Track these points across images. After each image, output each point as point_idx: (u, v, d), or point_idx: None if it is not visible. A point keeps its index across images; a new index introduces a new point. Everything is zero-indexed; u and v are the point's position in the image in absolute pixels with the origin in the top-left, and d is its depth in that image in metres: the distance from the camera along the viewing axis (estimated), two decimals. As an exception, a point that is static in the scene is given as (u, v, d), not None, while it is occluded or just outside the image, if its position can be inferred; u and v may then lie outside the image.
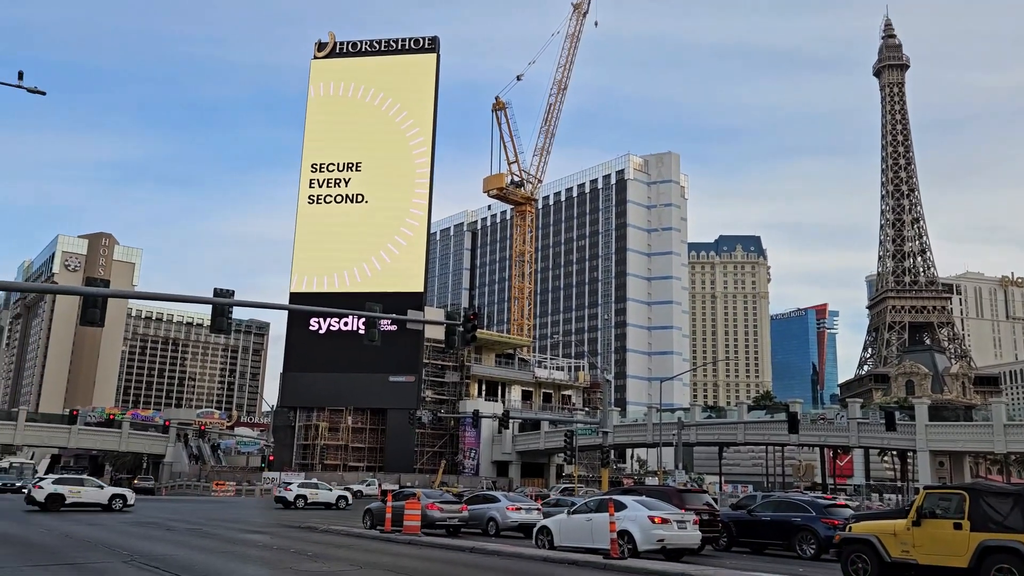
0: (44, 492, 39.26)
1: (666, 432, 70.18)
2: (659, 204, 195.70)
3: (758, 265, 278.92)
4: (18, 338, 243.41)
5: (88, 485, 41.87)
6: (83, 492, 40.47)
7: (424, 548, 23.59)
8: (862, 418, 72.94)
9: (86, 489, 40.91)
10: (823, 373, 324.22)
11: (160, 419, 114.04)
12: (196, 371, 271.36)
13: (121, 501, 41.44)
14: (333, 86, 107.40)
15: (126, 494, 42.77)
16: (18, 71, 24.38)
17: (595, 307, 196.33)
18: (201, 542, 23.83)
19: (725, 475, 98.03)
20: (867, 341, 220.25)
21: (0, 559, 17.88)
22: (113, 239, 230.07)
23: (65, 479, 43.04)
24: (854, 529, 17.86)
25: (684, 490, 27.57)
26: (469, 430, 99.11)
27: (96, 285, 25.49)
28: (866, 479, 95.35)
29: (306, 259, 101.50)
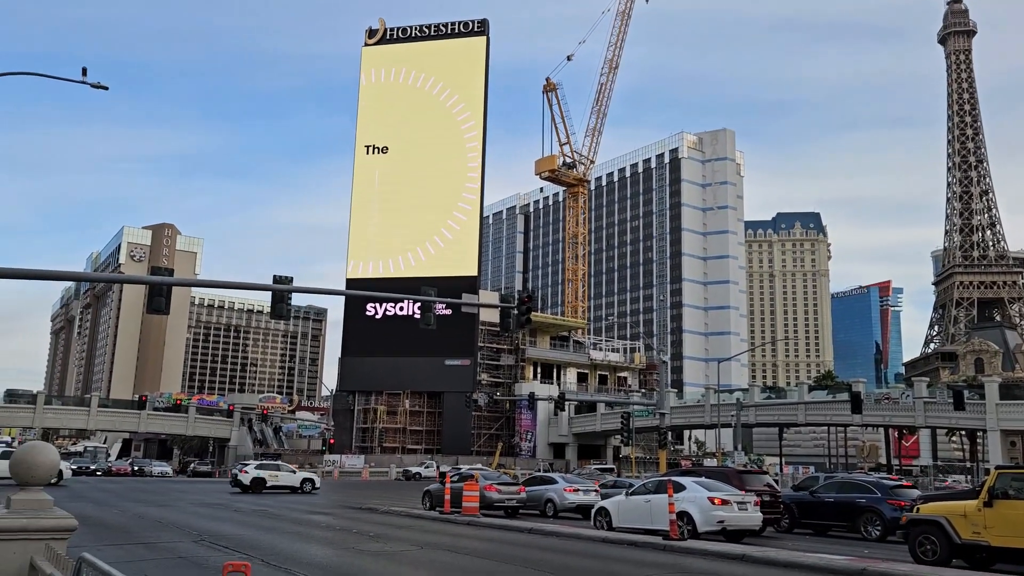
0: (249, 476, 43.81)
1: (724, 413, 69.40)
2: (714, 182, 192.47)
3: (818, 242, 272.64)
4: (89, 327, 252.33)
5: (283, 470, 46.24)
6: (280, 476, 44.82)
7: (483, 529, 23.77)
8: (929, 397, 71.01)
9: (282, 474, 45.34)
10: (887, 352, 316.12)
11: (224, 404, 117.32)
12: (257, 357, 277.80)
13: (310, 484, 45.38)
14: (384, 72, 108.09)
15: (314, 478, 46.92)
16: (82, 68, 25.02)
17: (650, 288, 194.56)
18: (266, 522, 24.43)
19: (785, 456, 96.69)
20: (933, 318, 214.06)
21: (81, 538, 18.58)
22: (175, 229, 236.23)
23: (265, 465, 47.44)
24: (922, 510, 17.40)
25: (744, 471, 27.25)
26: (525, 412, 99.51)
27: (161, 274, 26.20)
28: (933, 460, 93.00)
29: (361, 245, 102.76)
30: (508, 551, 17.76)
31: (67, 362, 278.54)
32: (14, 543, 5.97)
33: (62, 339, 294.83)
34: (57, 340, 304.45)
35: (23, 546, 5.98)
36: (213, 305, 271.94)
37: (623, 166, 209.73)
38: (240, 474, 44.43)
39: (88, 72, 25.07)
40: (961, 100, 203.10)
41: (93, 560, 4.53)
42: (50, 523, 6.07)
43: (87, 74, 24.97)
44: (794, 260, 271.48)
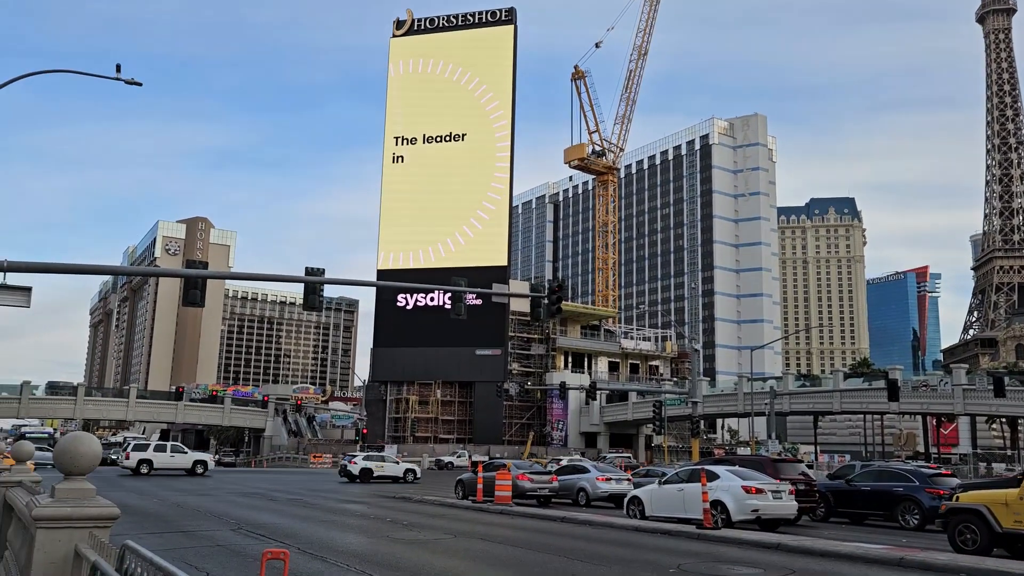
0: (358, 467, 47.06)
1: (758, 401, 68.86)
2: (746, 168, 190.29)
3: (852, 228, 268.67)
4: (126, 320, 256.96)
5: (388, 461, 49.46)
6: (385, 467, 47.92)
7: (516, 518, 23.87)
8: (968, 384, 69.79)
9: (387, 464, 48.47)
10: (924, 339, 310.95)
11: (259, 395, 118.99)
12: (291, 348, 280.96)
13: (412, 474, 48.03)
14: (412, 63, 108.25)
15: (415, 468, 49.74)
16: (116, 64, 25.37)
17: (681, 276, 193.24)
18: (302, 511, 24.76)
19: (820, 445, 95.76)
20: (972, 304, 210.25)
21: (123, 526, 18.98)
22: (209, 223, 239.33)
23: (371, 456, 50.69)
24: (962, 499, 17.15)
25: (779, 460, 27.01)
26: (556, 402, 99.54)
27: (195, 267, 26.56)
28: (973, 448, 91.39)
29: (391, 236, 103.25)
30: (541, 540, 17.81)
31: (106, 354, 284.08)
32: (60, 531, 6.11)
33: (101, 332, 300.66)
34: (96, 333, 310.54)
35: (68, 534, 6.12)
36: (247, 297, 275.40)
37: (653, 153, 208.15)
38: (349, 464, 47.57)
39: (122, 68, 25.41)
40: (1000, 80, 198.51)
41: (136, 547, 4.62)
42: (94, 512, 6.20)
43: (121, 70, 25.31)
44: (828, 246, 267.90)
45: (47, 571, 6.04)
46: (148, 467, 47.57)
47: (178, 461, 49.10)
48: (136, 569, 4.49)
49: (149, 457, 48.04)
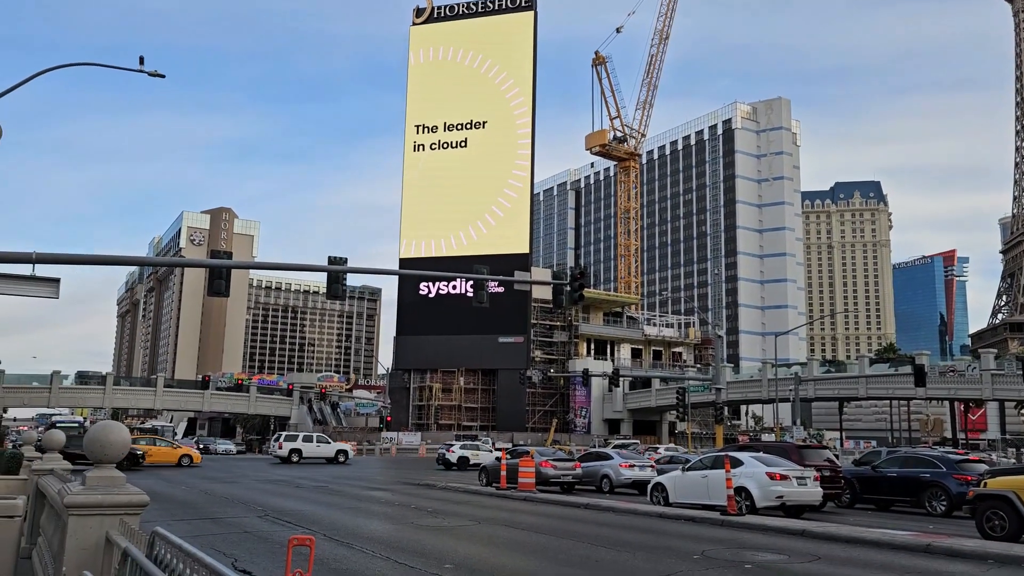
0: (456, 455, 50.74)
1: (782, 387, 68.48)
2: (769, 153, 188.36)
3: (878, 212, 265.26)
4: (152, 310, 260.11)
5: (482, 449, 52.67)
6: (479, 455, 50.33)
7: (539, 504, 23.96)
8: (996, 369, 68.83)
9: (481, 452, 51.30)
10: (952, 323, 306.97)
11: (283, 383, 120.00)
12: (315, 337, 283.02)
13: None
14: (432, 51, 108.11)
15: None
16: (139, 56, 25.57)
17: (704, 262, 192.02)
18: (327, 498, 25.02)
19: (846, 431, 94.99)
20: (1001, 288, 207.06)
21: (152, 513, 19.30)
22: (233, 213, 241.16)
23: (467, 445, 54.42)
24: (990, 485, 16.97)
25: (803, 446, 26.88)
26: (579, 389, 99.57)
27: (220, 257, 26.80)
28: (1002, 433, 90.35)
29: (413, 224, 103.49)
30: (564, 526, 17.87)
31: (133, 344, 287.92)
32: (91, 518, 6.22)
33: (128, 322, 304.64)
34: (123, 323, 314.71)
35: (99, 521, 6.22)
36: (271, 287, 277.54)
37: (675, 139, 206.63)
38: (447, 453, 51.48)
39: (145, 61, 25.60)
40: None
41: (166, 534, 4.69)
42: (124, 499, 6.30)
43: (144, 63, 25.50)
44: (853, 231, 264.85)
45: (79, 557, 6.16)
46: (298, 456, 52.42)
47: (323, 451, 53.96)
48: (166, 555, 4.57)
49: (299, 447, 53.01)
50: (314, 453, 53.19)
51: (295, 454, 52.31)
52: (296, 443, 53.39)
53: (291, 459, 51.74)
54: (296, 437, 55.01)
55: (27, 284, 21.71)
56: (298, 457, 52.18)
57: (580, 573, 11.75)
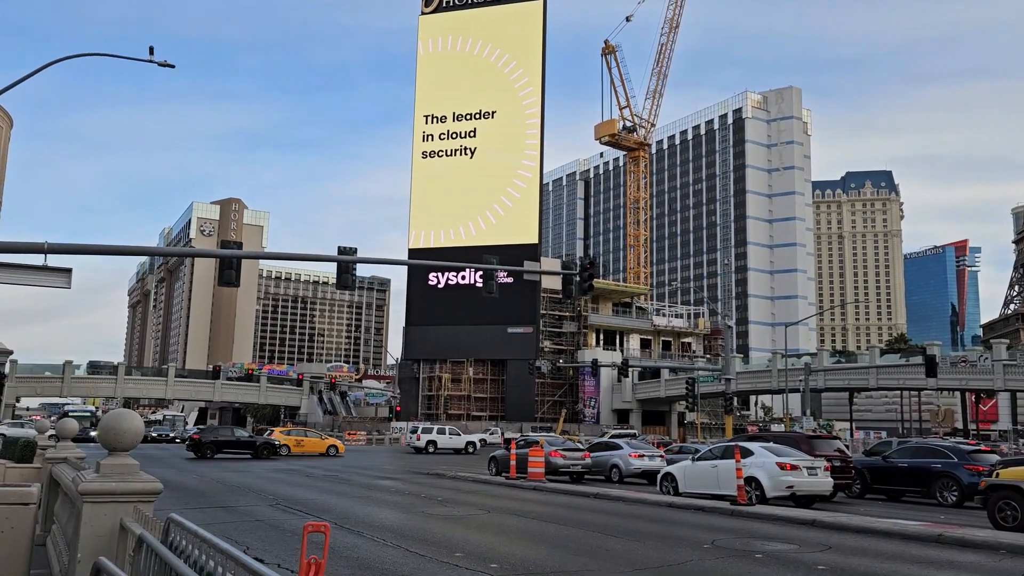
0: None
1: (792, 378, 68.26)
2: (780, 142, 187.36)
3: (889, 201, 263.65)
4: (163, 300, 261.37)
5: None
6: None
7: (549, 494, 24.00)
8: (1008, 360, 68.44)
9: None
10: (963, 314, 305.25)
11: (294, 373, 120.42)
12: (324, 327, 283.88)
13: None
14: (441, 41, 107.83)
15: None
16: (149, 47, 25.57)
17: (714, 252, 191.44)
18: (337, 487, 25.13)
19: (856, 421, 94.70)
20: (1014, 278, 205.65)
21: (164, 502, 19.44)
22: (242, 204, 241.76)
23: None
24: (1002, 475, 16.90)
25: (814, 436, 26.82)
26: (588, 379, 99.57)
27: (230, 248, 26.87)
28: (1013, 424, 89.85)
29: (422, 215, 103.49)
30: (574, 515, 17.91)
31: (144, 334, 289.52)
32: (106, 505, 6.26)
33: (139, 312, 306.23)
34: (134, 313, 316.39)
35: (113, 508, 6.26)
36: (280, 277, 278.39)
37: (685, 128, 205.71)
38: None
39: (155, 51, 25.61)
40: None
41: (181, 521, 4.72)
42: (137, 487, 6.34)
43: (154, 53, 25.51)
44: (864, 221, 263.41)
45: (94, 544, 6.20)
46: (434, 447, 56.88)
47: (455, 442, 58.42)
48: (181, 542, 4.59)
49: (435, 439, 57.60)
50: (448, 444, 57.65)
51: (431, 445, 57.09)
52: (432, 435, 58.37)
53: (427, 450, 56.28)
54: (431, 429, 59.50)
55: (39, 274, 21.82)
56: (434, 448, 56.83)
57: (590, 562, 11.77)
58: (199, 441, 43.48)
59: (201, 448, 42.75)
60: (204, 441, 43.48)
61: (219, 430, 49.42)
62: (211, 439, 44.08)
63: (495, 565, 11.24)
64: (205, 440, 43.67)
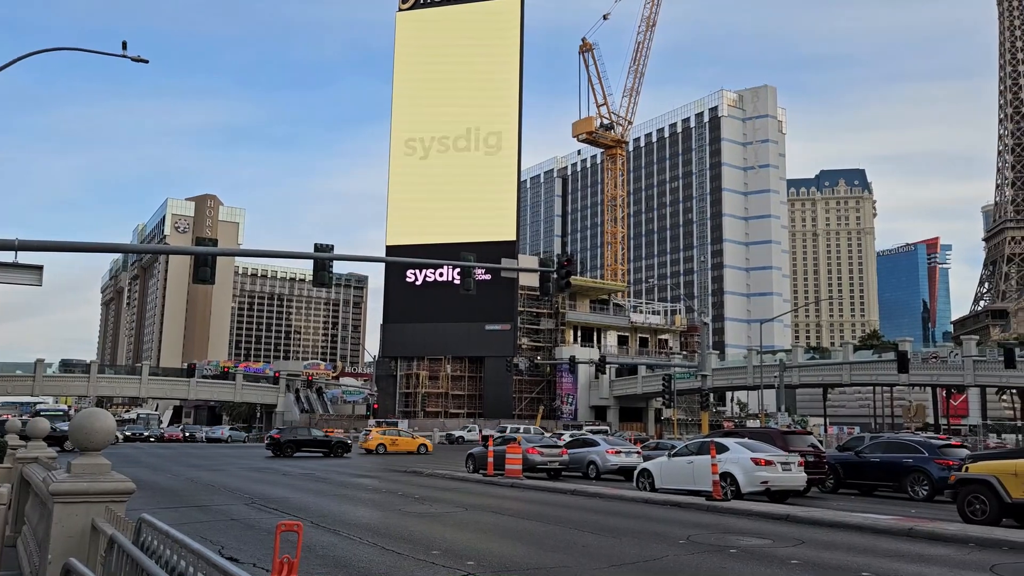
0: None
1: (767, 374, 68.94)
2: (755, 141, 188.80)
3: (863, 200, 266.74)
4: (137, 298, 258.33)
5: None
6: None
7: (526, 491, 24.04)
8: (978, 356, 69.62)
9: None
10: (935, 310, 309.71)
11: (270, 371, 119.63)
12: (301, 324, 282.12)
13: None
14: (419, 37, 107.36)
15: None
16: (122, 42, 25.27)
17: (690, 249, 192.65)
18: (314, 486, 25.01)
19: (830, 417, 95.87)
20: (983, 275, 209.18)
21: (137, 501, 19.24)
22: (218, 200, 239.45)
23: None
24: (971, 469, 17.17)
25: (788, 432, 27.10)
26: (566, 376, 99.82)
27: (205, 244, 26.63)
28: (983, 419, 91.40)
29: (400, 212, 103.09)
30: (551, 512, 17.96)
31: (118, 332, 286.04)
32: (77, 505, 6.19)
33: (112, 310, 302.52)
34: (108, 311, 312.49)
35: (85, 508, 6.20)
36: (257, 274, 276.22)
37: (662, 126, 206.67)
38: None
39: (128, 46, 25.32)
40: (1014, 49, 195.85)
41: (153, 521, 4.68)
42: (109, 486, 6.27)
43: (127, 48, 25.22)
44: (838, 218, 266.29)
45: (65, 545, 6.14)
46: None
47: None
48: (153, 542, 4.56)
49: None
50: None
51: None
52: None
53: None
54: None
55: (10, 271, 21.51)
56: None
57: (567, 558, 11.81)
58: (279, 441, 46.55)
59: (281, 447, 45.80)
60: (284, 440, 46.65)
61: (297, 430, 52.23)
62: (290, 438, 47.27)
63: (472, 562, 11.26)
64: (285, 440, 46.85)
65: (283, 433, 49.38)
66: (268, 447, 46.98)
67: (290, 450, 45.81)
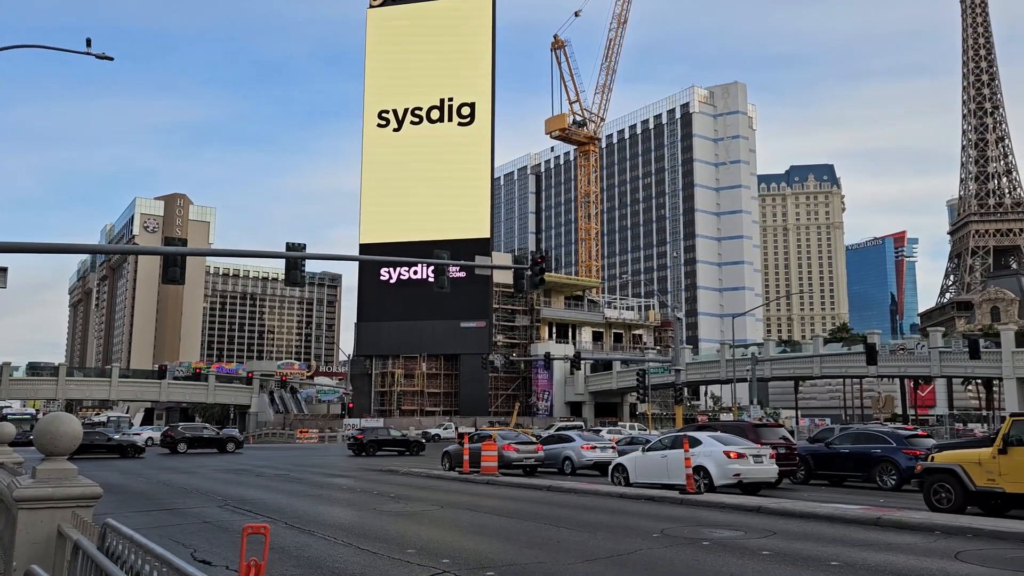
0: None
1: (740, 368, 69.57)
2: (726, 137, 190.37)
3: (832, 195, 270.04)
4: (106, 299, 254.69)
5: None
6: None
7: (502, 488, 24.08)
8: (944, 347, 70.82)
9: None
10: (902, 303, 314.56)
11: (243, 371, 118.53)
12: (274, 324, 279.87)
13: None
14: (390, 34, 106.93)
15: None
16: (86, 39, 24.92)
17: (664, 245, 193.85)
18: (288, 487, 24.85)
19: (801, 409, 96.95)
20: (949, 268, 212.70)
21: (108, 505, 19.00)
22: (188, 199, 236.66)
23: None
24: (937, 459, 17.48)
25: (760, 425, 27.37)
26: (541, 372, 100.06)
27: (174, 244, 26.33)
28: (949, 409, 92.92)
29: (373, 210, 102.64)
30: (527, 508, 18.01)
31: (87, 334, 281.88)
32: (42, 511, 6.10)
33: (81, 311, 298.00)
34: (76, 313, 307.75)
35: (50, 514, 6.11)
36: (228, 274, 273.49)
37: (634, 123, 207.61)
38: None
39: (92, 43, 24.97)
40: (977, 46, 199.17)
41: (117, 526, 4.64)
42: (76, 491, 6.19)
43: (91, 45, 24.87)
44: (808, 213, 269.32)
45: (30, 551, 6.05)
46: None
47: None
48: (118, 547, 4.52)
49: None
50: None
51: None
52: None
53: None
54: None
55: (-27, 274, 21.12)
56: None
57: (542, 554, 11.86)
58: (362, 441, 49.46)
59: (364, 447, 48.66)
60: (366, 441, 49.47)
61: (378, 431, 54.58)
62: (372, 438, 49.95)
63: (447, 560, 11.26)
64: (367, 440, 49.65)
65: (366, 433, 51.91)
66: (350, 447, 50.47)
67: (372, 449, 48.59)
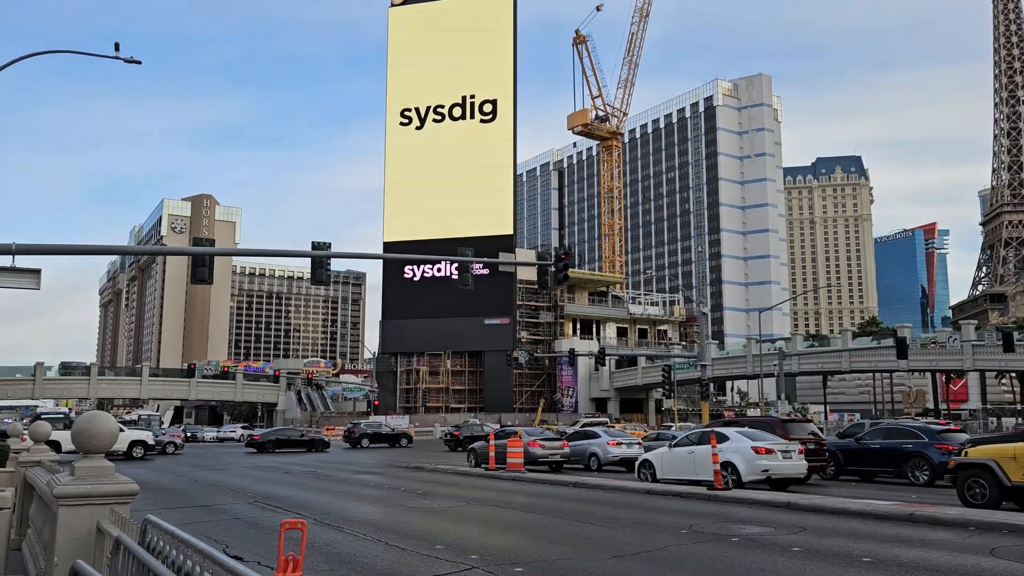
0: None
1: (767, 363, 69.03)
2: (751, 129, 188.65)
3: (859, 186, 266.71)
4: (135, 299, 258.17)
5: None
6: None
7: (528, 484, 24.10)
8: (977, 340, 69.74)
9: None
10: (933, 296, 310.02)
11: (270, 370, 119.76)
12: (300, 322, 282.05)
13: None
14: (412, 33, 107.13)
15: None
16: (115, 43, 25.22)
17: (688, 240, 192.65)
18: (317, 483, 25.06)
19: (830, 404, 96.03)
20: (981, 260, 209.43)
21: (142, 503, 19.27)
22: (214, 200, 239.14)
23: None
24: (971, 454, 17.23)
25: (788, 420, 27.15)
26: (566, 369, 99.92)
27: (202, 245, 26.62)
28: (982, 403, 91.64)
29: (397, 208, 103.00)
30: (554, 504, 18.02)
31: (117, 334, 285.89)
32: (81, 508, 6.23)
33: (111, 312, 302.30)
34: (106, 313, 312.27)
35: (89, 511, 6.23)
36: (255, 273, 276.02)
37: (657, 117, 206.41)
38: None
39: (120, 47, 25.27)
40: (1008, 33, 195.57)
41: (159, 522, 4.72)
42: (113, 488, 6.31)
43: (120, 49, 25.17)
44: (835, 206, 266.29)
45: (70, 547, 6.18)
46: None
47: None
48: (159, 543, 4.60)
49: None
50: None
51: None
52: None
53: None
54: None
55: (7, 276, 21.52)
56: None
57: (569, 550, 11.88)
58: (458, 438, 51.82)
59: (460, 443, 50.22)
60: (462, 437, 51.27)
61: (472, 427, 55.89)
62: (468, 434, 51.32)
63: (475, 556, 11.31)
64: (463, 436, 51.33)
65: (462, 429, 54.27)
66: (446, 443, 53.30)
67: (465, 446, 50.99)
